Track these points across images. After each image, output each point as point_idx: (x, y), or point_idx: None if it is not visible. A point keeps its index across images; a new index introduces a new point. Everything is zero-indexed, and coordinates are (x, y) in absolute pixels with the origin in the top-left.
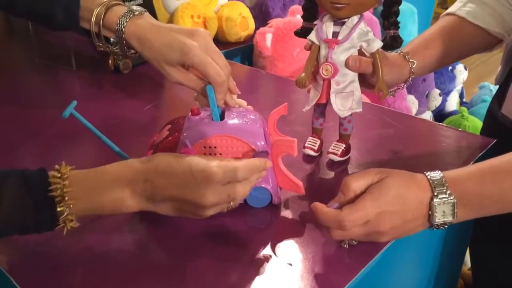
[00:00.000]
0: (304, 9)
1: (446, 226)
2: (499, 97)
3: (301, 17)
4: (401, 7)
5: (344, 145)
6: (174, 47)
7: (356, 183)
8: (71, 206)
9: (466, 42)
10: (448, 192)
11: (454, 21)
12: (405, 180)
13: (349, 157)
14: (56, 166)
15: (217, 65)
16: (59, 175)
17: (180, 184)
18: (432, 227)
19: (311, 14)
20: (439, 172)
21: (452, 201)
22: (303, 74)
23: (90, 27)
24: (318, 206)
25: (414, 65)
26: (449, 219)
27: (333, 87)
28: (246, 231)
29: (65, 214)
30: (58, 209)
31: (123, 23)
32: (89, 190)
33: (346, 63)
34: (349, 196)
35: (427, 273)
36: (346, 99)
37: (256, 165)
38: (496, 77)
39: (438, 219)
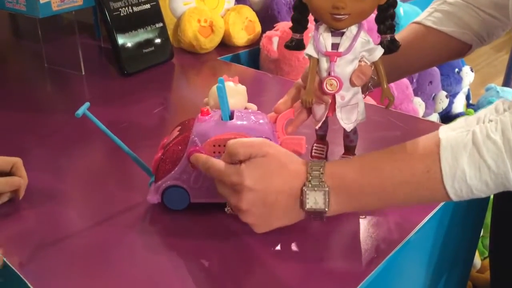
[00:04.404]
0: (293, 20)
1: (323, 217)
2: None
3: (290, 28)
4: (405, 9)
5: (350, 157)
6: None
7: (240, 150)
8: None
9: (430, 49)
10: (322, 180)
11: (419, 29)
12: (278, 165)
13: None
14: None
15: None
16: None
17: None
18: (311, 216)
19: (301, 25)
20: (323, 161)
21: (324, 189)
22: (308, 93)
23: None
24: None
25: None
26: (321, 207)
27: (338, 101)
28: (253, 233)
29: None
30: None
31: None
32: None
33: (351, 83)
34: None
35: (436, 274)
36: (351, 111)
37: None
38: None
39: (310, 206)
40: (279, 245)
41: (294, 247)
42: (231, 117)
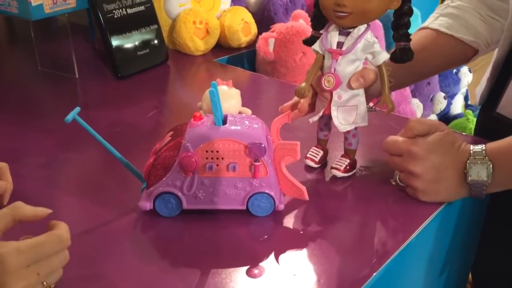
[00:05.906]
0: (313, 17)
1: (484, 191)
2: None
3: (311, 25)
4: None
5: (348, 161)
6: None
7: (419, 126)
8: None
9: (440, 53)
10: (485, 155)
11: (428, 34)
12: (450, 142)
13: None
14: None
15: None
16: None
17: None
18: (471, 190)
19: (320, 23)
20: (483, 145)
21: (487, 163)
22: (303, 84)
23: None
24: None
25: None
26: (484, 179)
27: (334, 100)
28: (248, 240)
29: None
30: None
31: None
32: None
33: (348, 84)
34: (407, 134)
35: (436, 276)
36: (349, 113)
37: (63, 236)
38: (481, 95)
39: (472, 178)
40: (276, 251)
41: (293, 251)
42: (224, 122)
